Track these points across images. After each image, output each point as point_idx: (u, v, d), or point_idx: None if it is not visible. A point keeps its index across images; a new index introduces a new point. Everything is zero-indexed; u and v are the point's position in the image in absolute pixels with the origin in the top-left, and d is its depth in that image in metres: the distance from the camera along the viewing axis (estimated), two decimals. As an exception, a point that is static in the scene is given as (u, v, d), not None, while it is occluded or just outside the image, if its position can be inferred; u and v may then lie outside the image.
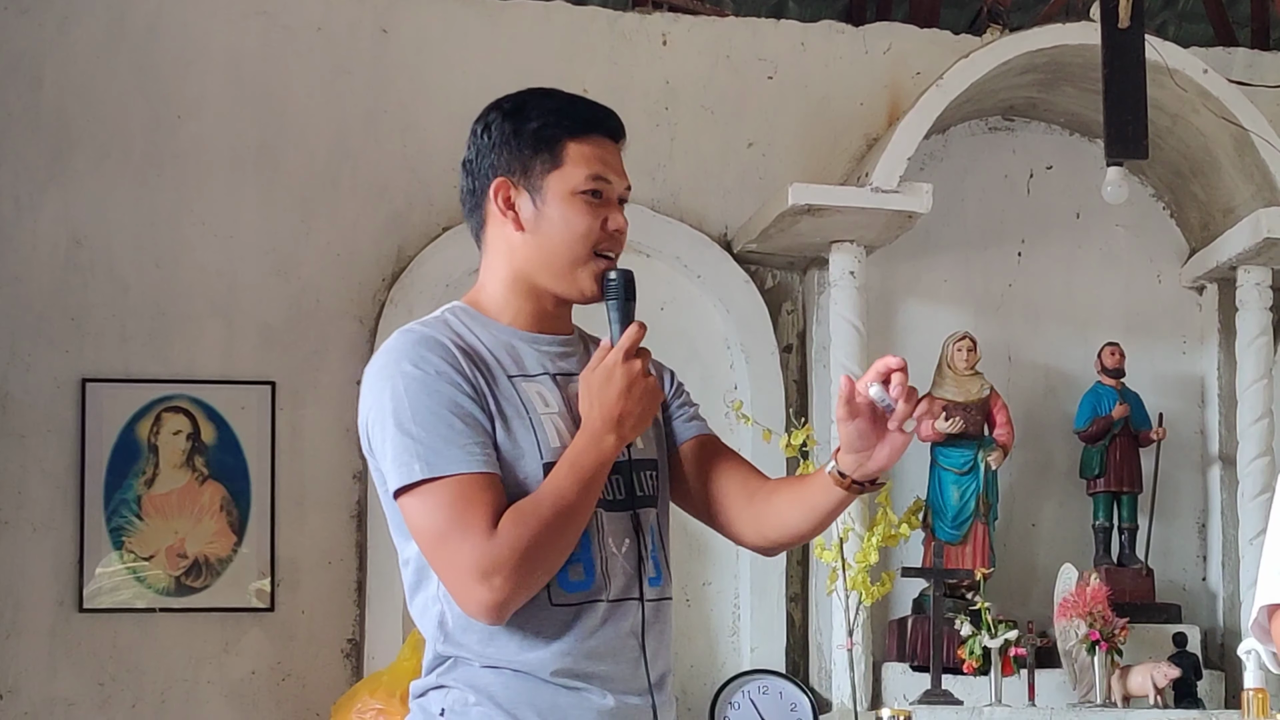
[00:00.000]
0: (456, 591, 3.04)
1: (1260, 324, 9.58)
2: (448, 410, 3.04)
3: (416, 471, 3.02)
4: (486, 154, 3.25)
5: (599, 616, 3.13)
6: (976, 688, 9.00)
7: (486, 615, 3.03)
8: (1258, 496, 9.37)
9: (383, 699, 8.44)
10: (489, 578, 2.98)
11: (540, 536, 3.00)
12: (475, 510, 3.00)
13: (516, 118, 3.26)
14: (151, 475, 9.09)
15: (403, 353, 3.10)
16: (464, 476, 3.01)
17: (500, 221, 3.25)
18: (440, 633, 3.17)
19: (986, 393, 9.52)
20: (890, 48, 10.04)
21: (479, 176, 3.27)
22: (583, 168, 3.22)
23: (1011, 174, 10.08)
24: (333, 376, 9.31)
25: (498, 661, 3.11)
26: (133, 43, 9.31)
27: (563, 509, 3.03)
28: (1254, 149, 9.40)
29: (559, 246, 3.21)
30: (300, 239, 9.37)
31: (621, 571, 3.17)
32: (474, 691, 3.13)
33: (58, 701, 8.92)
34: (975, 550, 9.38)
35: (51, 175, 9.17)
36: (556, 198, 3.20)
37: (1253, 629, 3.32)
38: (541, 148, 3.22)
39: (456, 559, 3.00)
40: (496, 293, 3.29)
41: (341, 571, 9.24)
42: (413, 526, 3.08)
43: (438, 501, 3.01)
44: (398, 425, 3.04)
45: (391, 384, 3.08)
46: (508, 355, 3.19)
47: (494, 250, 3.30)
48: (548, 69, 9.67)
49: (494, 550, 2.98)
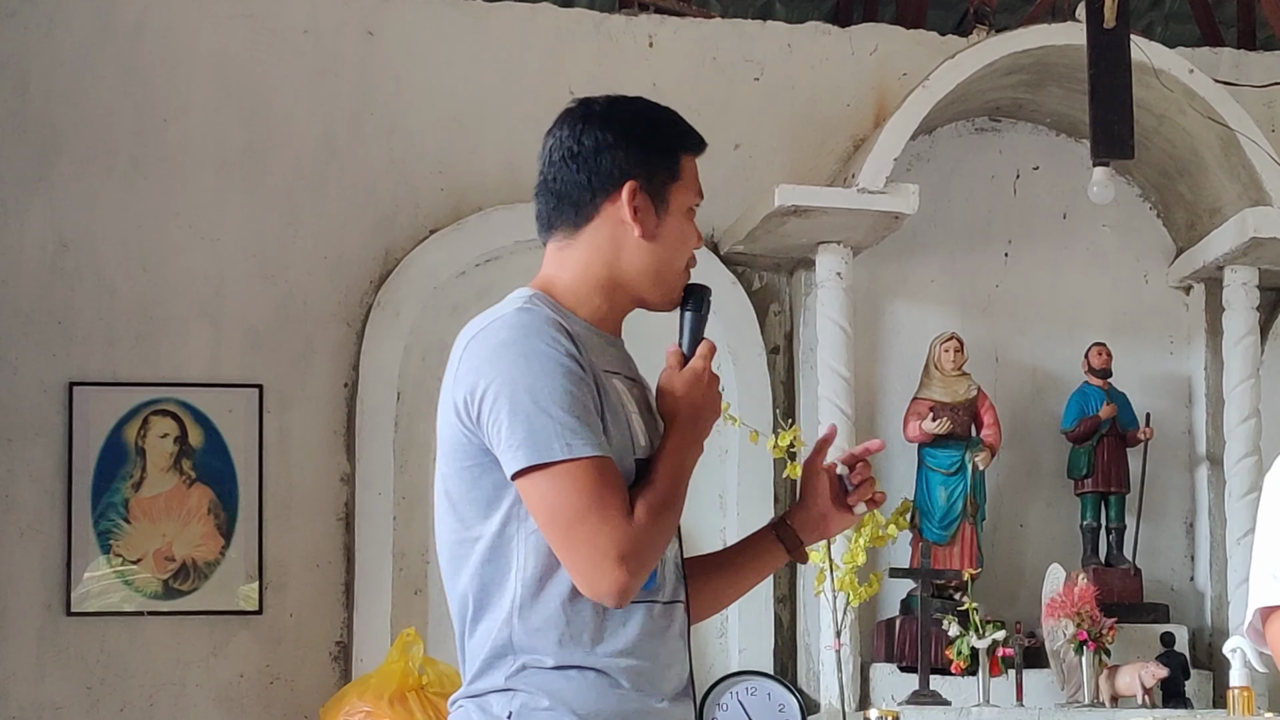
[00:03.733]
0: (589, 572, 3.03)
1: (1247, 324, 9.59)
2: (580, 392, 3.07)
3: (557, 451, 3.02)
4: (609, 151, 3.25)
5: (656, 617, 3.18)
6: (964, 688, 9.00)
7: (616, 597, 3.04)
8: (1245, 496, 9.37)
9: (371, 701, 8.43)
10: (627, 560, 3.02)
11: (662, 526, 3.08)
12: (615, 493, 3.03)
13: (642, 124, 3.31)
14: (139, 479, 9.09)
15: (534, 330, 3.11)
16: (600, 459, 3.04)
17: (617, 222, 3.26)
18: (508, 628, 3.13)
19: (974, 393, 9.53)
20: (877, 49, 10.05)
21: (599, 173, 3.25)
22: (693, 184, 3.34)
23: (998, 174, 10.09)
24: (320, 379, 9.31)
25: (571, 662, 3.11)
26: (119, 46, 9.31)
27: (673, 502, 3.12)
28: (1240, 149, 9.41)
29: (673, 259, 3.32)
30: (287, 242, 9.37)
31: (671, 575, 3.23)
32: (547, 696, 3.11)
33: (46, 705, 8.91)
34: (963, 551, 9.39)
35: (38, 178, 9.16)
36: (676, 212, 3.31)
37: (1247, 632, 3.32)
38: (666, 158, 3.29)
39: (597, 539, 3.01)
40: (578, 287, 3.28)
41: (329, 574, 9.23)
42: (543, 505, 3.04)
43: (576, 482, 3.02)
44: (534, 402, 3.04)
45: (525, 360, 3.07)
46: (596, 349, 3.21)
47: (594, 247, 3.27)
48: (535, 71, 9.68)
49: (634, 533, 3.03)
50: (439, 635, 9.15)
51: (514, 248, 9.54)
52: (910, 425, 9.47)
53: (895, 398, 9.68)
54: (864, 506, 3.36)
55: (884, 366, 9.76)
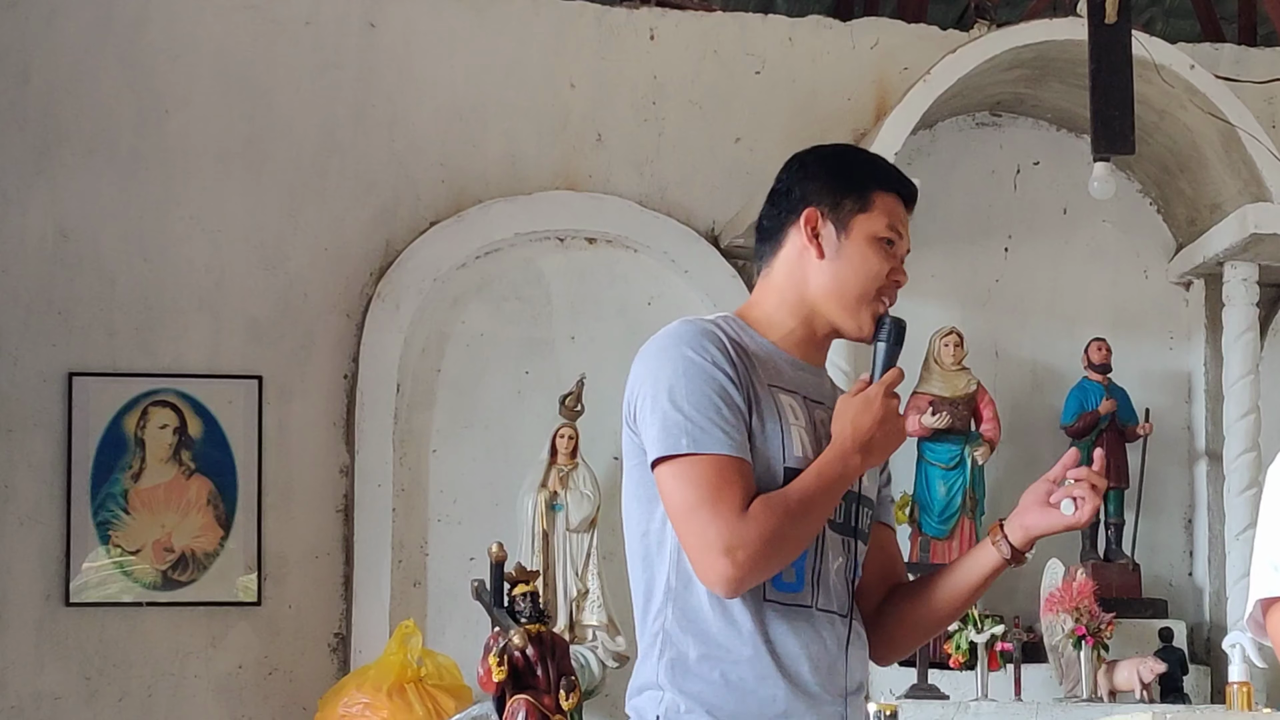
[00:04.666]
0: (698, 561, 3.22)
1: (1247, 319, 9.59)
2: (716, 395, 3.26)
3: (683, 445, 3.23)
4: (800, 185, 3.49)
5: (804, 620, 3.32)
6: (963, 682, 9.01)
7: (724, 587, 3.21)
8: (1244, 492, 9.38)
9: (369, 693, 8.44)
10: (733, 552, 3.18)
11: (784, 527, 3.22)
12: (730, 489, 3.21)
13: (836, 160, 3.53)
14: (138, 469, 9.09)
15: (684, 338, 3.31)
16: (724, 457, 3.22)
17: (801, 247, 3.45)
18: (661, 617, 3.32)
19: (973, 388, 9.53)
20: (878, 43, 10.05)
21: (788, 206, 3.49)
22: (884, 217, 3.44)
23: (998, 169, 10.09)
24: (320, 371, 9.31)
25: (713, 654, 3.27)
26: (120, 37, 9.30)
27: (808, 509, 3.26)
28: (1241, 144, 9.41)
29: (852, 280, 3.43)
30: (287, 233, 9.37)
31: (832, 586, 3.37)
32: (687, 698, 3.27)
33: (44, 695, 8.92)
34: (962, 545, 9.39)
35: (39, 169, 9.16)
36: (860, 237, 3.43)
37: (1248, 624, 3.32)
38: (853, 189, 3.45)
39: (706, 530, 3.20)
40: (772, 311, 3.47)
41: (328, 566, 9.24)
42: (666, 495, 3.26)
43: (697, 475, 3.22)
44: (670, 400, 3.25)
45: (672, 364, 3.29)
46: (770, 365, 3.39)
47: (784, 273, 3.48)
48: (536, 64, 9.68)
49: (743, 529, 3.19)
50: (437, 627, 9.16)
51: (514, 240, 9.54)
52: (909, 419, 9.46)
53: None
54: (1069, 504, 3.49)
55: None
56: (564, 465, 9.18)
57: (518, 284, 9.61)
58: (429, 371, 9.47)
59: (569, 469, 9.18)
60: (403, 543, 9.26)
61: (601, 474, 9.24)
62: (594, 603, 9.11)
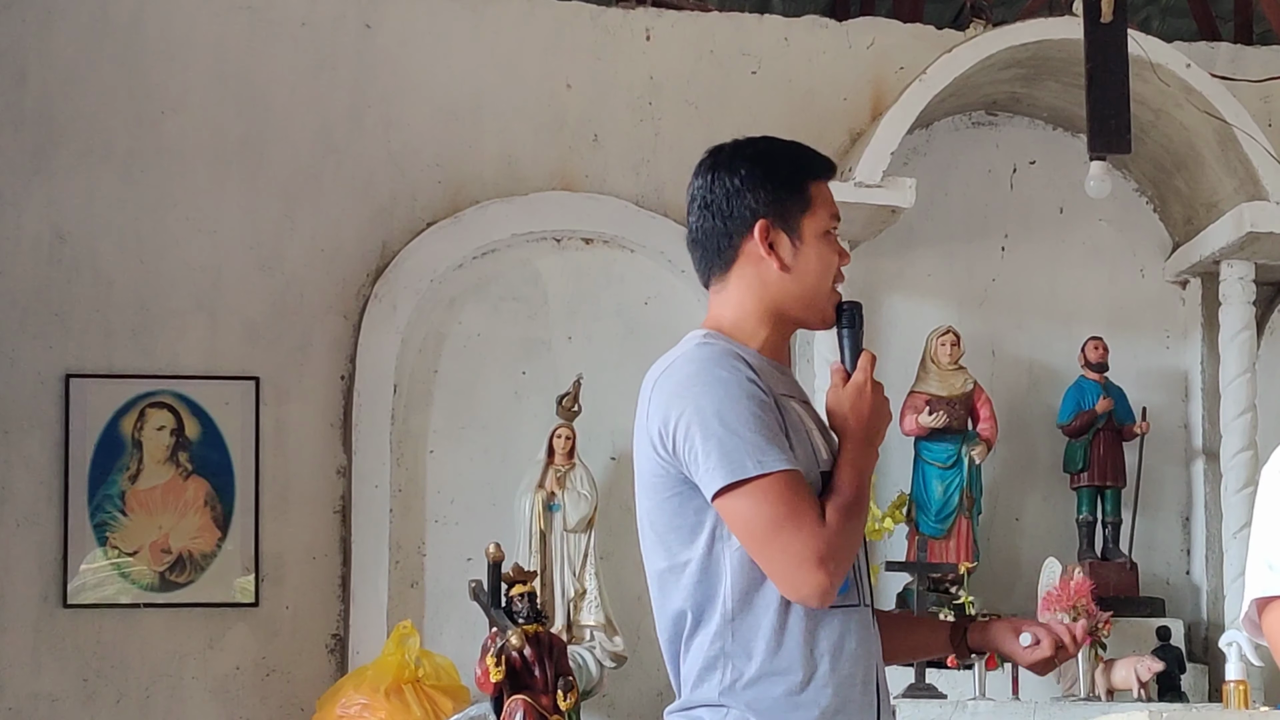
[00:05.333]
0: (790, 576, 3.23)
1: (1243, 318, 9.59)
2: (764, 413, 3.27)
3: (750, 468, 3.22)
4: (739, 196, 3.47)
5: (856, 619, 3.36)
6: (960, 681, 9.01)
7: (820, 598, 3.24)
8: (1241, 490, 9.38)
9: (367, 694, 8.44)
10: (826, 563, 3.22)
11: (853, 529, 3.29)
12: (807, 502, 3.24)
13: (765, 163, 3.51)
14: (135, 471, 9.09)
15: (715, 360, 3.32)
16: (791, 472, 3.24)
17: (758, 259, 3.44)
18: (720, 640, 3.31)
19: (970, 387, 9.53)
20: (874, 42, 10.05)
21: (732, 218, 3.47)
22: (825, 209, 3.48)
23: (995, 168, 10.09)
24: (317, 372, 9.31)
25: (779, 671, 3.29)
26: (116, 38, 9.30)
27: (859, 505, 3.31)
28: (1237, 143, 9.41)
29: (816, 282, 3.45)
30: (284, 234, 9.37)
31: (864, 582, 3.43)
32: (754, 714, 3.28)
33: (42, 697, 8.92)
34: (959, 544, 9.39)
35: (35, 170, 9.16)
36: (812, 239, 3.45)
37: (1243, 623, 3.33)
38: (792, 190, 3.47)
39: (793, 546, 3.22)
40: (743, 323, 3.46)
41: (326, 567, 9.23)
42: (742, 520, 3.25)
43: (773, 494, 3.22)
44: (723, 425, 3.24)
45: (710, 389, 3.28)
46: (769, 376, 3.40)
47: (743, 285, 3.46)
48: (532, 64, 9.68)
49: (829, 537, 3.23)
50: (435, 628, 9.16)
51: (511, 241, 9.55)
52: (907, 419, 9.47)
53: (892, 391, 9.54)
54: (1028, 637, 3.54)
55: (880, 360, 9.65)
56: (561, 466, 9.18)
57: (514, 284, 9.61)
58: (426, 372, 9.47)
59: (566, 469, 9.18)
60: (400, 544, 9.26)
61: (599, 474, 9.25)
62: (591, 603, 9.11)
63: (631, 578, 9.02)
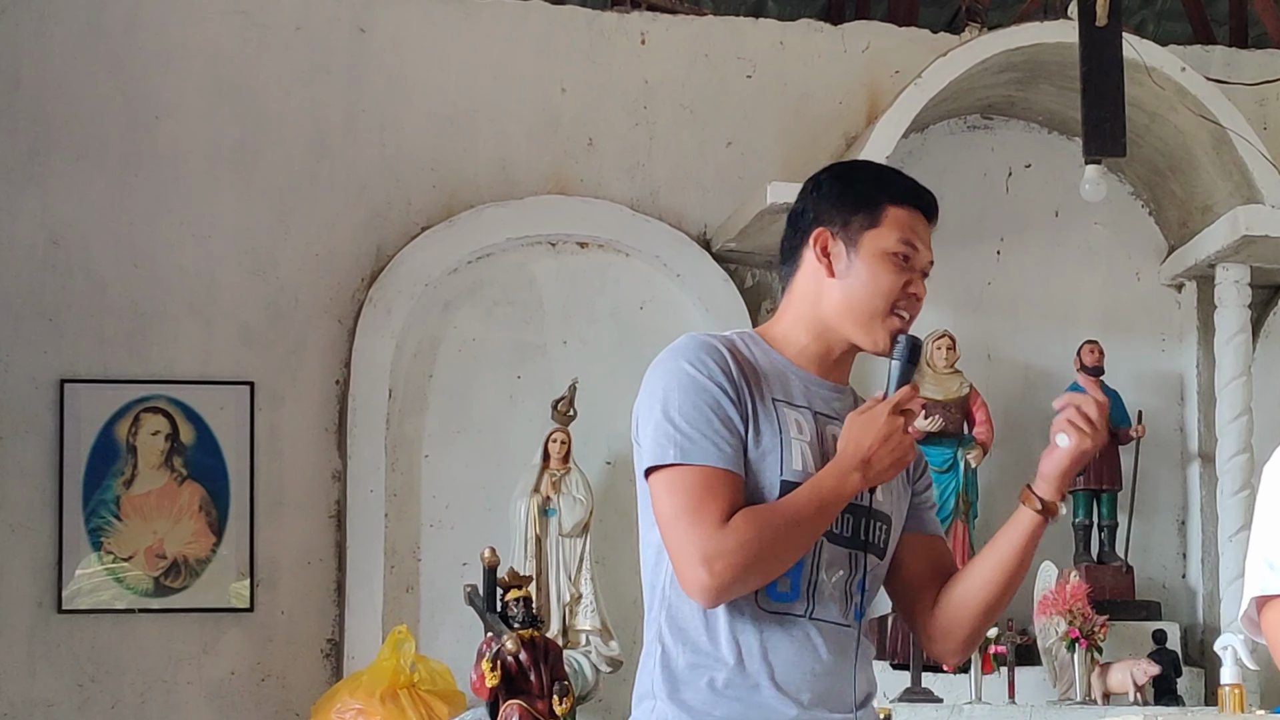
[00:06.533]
0: (679, 569, 3.27)
1: (1239, 321, 9.59)
2: (709, 409, 3.30)
3: (670, 455, 3.27)
4: (812, 205, 3.51)
5: (798, 630, 3.34)
6: (956, 685, 9.00)
7: (702, 596, 3.26)
8: (1237, 493, 9.38)
9: (362, 699, 8.43)
10: (711, 563, 3.21)
11: (767, 540, 3.25)
12: (713, 500, 3.25)
13: (845, 178, 3.55)
14: (130, 476, 9.08)
15: (683, 353, 3.36)
16: (710, 469, 3.27)
17: (814, 267, 3.48)
18: (656, 624, 3.37)
19: (966, 391, 9.53)
20: (869, 46, 10.05)
21: (802, 227, 3.51)
22: (896, 232, 3.51)
23: (990, 172, 10.09)
24: (311, 376, 9.30)
25: (703, 663, 3.31)
26: (110, 42, 9.30)
27: (794, 522, 3.28)
28: (1232, 147, 9.41)
29: (864, 297, 3.47)
30: (278, 238, 9.36)
31: (829, 597, 3.38)
32: (675, 706, 3.31)
33: (37, 703, 8.90)
34: (955, 548, 9.39)
35: (29, 175, 9.15)
36: (870, 254, 3.48)
37: (1242, 622, 3.32)
38: (863, 206, 3.49)
39: (685, 540, 3.24)
40: (789, 328, 3.51)
41: (321, 572, 9.23)
42: (655, 504, 3.32)
43: (682, 485, 3.27)
44: (664, 412, 3.30)
45: (667, 378, 3.34)
46: (778, 381, 3.42)
47: (800, 293, 3.51)
48: (526, 68, 9.68)
49: (721, 540, 3.22)
50: (430, 632, 9.15)
51: (505, 244, 9.54)
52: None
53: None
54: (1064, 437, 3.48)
55: (876, 364, 9.72)
56: (556, 470, 9.17)
57: (509, 288, 9.60)
58: (421, 376, 9.46)
59: (561, 474, 9.17)
60: (395, 548, 9.26)
61: (594, 478, 9.24)
62: (587, 607, 9.11)
63: (627, 582, 9.02)
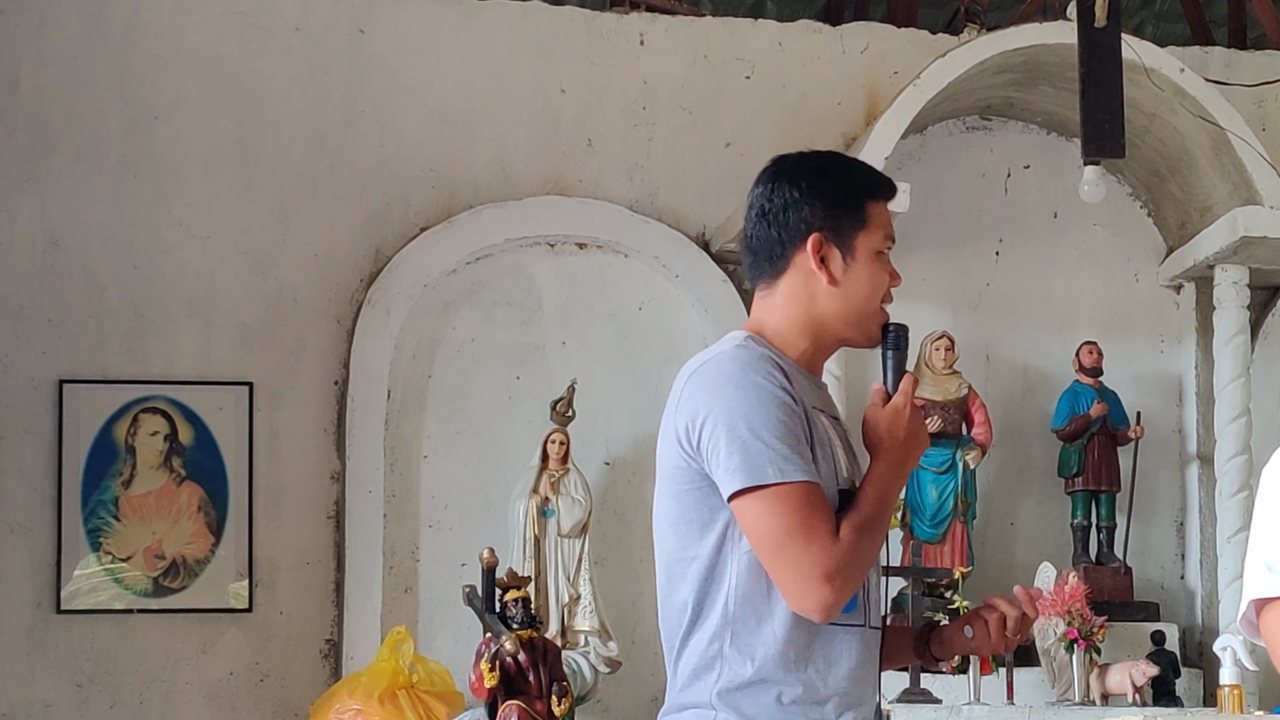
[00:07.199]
0: (796, 588, 3.24)
1: (1238, 322, 9.59)
2: (792, 423, 3.29)
3: (770, 475, 3.24)
4: (796, 208, 3.48)
5: (858, 640, 3.38)
6: (955, 686, 9.00)
7: (821, 613, 3.25)
8: (1235, 495, 9.38)
9: (361, 699, 8.43)
10: (833, 579, 3.23)
11: (865, 548, 3.29)
12: (822, 516, 3.25)
13: (828, 178, 3.53)
14: (129, 476, 9.08)
15: (750, 365, 3.34)
16: (810, 484, 3.25)
17: (809, 272, 3.48)
18: (718, 641, 3.33)
19: (964, 392, 9.53)
20: (868, 47, 10.05)
21: (787, 228, 3.49)
22: (881, 229, 3.50)
23: (989, 173, 10.09)
24: (310, 377, 9.30)
25: (774, 679, 3.30)
26: (110, 44, 9.30)
27: (876, 526, 3.32)
28: (1231, 148, 9.41)
29: (864, 300, 3.48)
30: (278, 239, 9.36)
31: (875, 602, 3.45)
32: (739, 719, 3.30)
33: (35, 703, 8.90)
34: (954, 549, 9.39)
35: (28, 176, 9.15)
36: (864, 257, 3.48)
37: (1241, 624, 3.32)
38: (850, 207, 3.48)
39: (803, 559, 3.23)
40: (785, 331, 3.50)
41: (320, 572, 9.23)
42: (757, 525, 3.26)
43: (789, 505, 3.23)
44: (750, 430, 3.26)
45: (743, 392, 3.30)
46: (802, 386, 3.42)
47: (791, 295, 3.51)
48: (526, 69, 9.68)
49: (839, 553, 3.24)
50: (429, 633, 9.15)
51: (504, 245, 9.54)
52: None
53: (886, 396, 9.65)
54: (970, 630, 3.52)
55: (875, 365, 9.72)
56: (555, 470, 9.17)
57: (508, 289, 9.60)
58: (420, 377, 9.46)
59: (560, 474, 9.17)
60: (394, 549, 9.26)
61: (593, 479, 9.24)
62: (586, 608, 9.10)
63: (626, 582, 9.03)
